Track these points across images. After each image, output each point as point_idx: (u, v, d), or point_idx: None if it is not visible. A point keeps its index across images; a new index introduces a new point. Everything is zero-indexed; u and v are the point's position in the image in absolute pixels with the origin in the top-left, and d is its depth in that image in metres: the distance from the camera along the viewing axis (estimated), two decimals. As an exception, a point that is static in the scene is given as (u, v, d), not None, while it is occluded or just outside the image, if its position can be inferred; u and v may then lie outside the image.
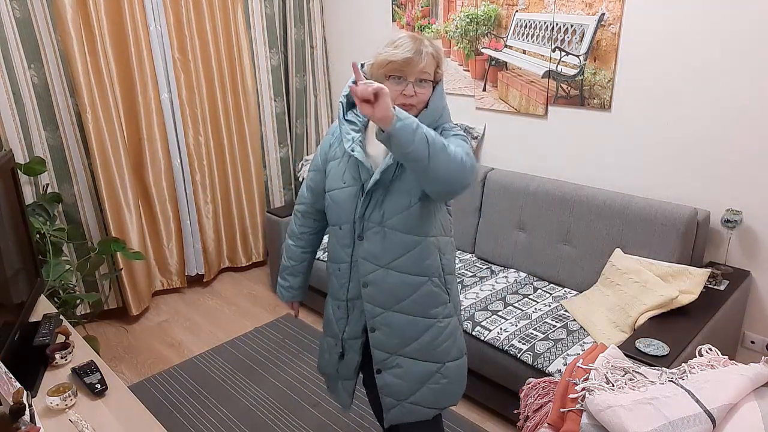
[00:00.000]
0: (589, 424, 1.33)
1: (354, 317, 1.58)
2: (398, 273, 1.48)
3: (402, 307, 1.51)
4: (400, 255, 1.47)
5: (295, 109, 3.79)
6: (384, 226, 1.45)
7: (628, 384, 1.40)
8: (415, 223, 1.45)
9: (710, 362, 1.43)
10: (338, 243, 1.54)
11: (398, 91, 1.37)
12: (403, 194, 1.43)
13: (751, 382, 1.31)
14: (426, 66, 1.37)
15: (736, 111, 2.19)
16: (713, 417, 1.23)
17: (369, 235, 1.47)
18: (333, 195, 1.51)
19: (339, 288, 1.59)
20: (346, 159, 1.49)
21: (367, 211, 1.46)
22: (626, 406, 1.29)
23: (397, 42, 1.38)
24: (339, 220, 1.51)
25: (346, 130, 1.48)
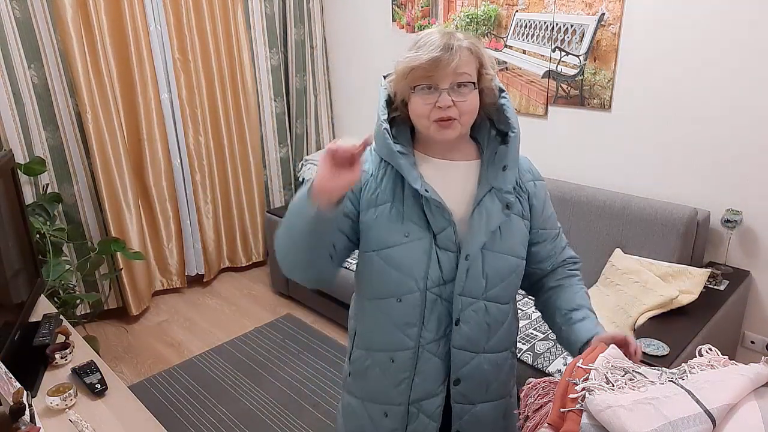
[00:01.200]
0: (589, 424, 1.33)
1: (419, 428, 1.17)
2: (491, 355, 1.17)
3: (489, 395, 1.21)
4: (496, 332, 1.16)
5: (295, 109, 3.79)
6: (486, 299, 1.13)
7: (628, 384, 1.40)
8: (513, 288, 1.18)
9: (710, 362, 1.43)
10: (394, 321, 1.13)
11: (430, 104, 1.05)
12: (507, 254, 1.13)
13: (751, 382, 1.31)
14: (461, 64, 1.03)
15: (736, 111, 2.19)
16: (713, 417, 1.23)
17: (468, 315, 1.12)
18: (391, 254, 1.10)
19: (391, 387, 1.16)
20: (400, 204, 1.10)
21: (468, 283, 1.10)
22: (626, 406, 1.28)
23: (419, 41, 1.06)
24: (399, 290, 1.11)
25: (408, 165, 1.09)
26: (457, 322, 1.11)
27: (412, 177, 1.08)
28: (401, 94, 1.11)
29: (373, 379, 1.19)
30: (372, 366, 1.18)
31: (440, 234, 1.09)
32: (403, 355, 1.14)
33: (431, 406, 1.15)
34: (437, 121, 1.05)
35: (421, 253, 1.08)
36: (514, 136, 1.12)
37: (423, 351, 1.13)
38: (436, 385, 1.15)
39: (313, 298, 3.16)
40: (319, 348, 2.85)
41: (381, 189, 1.12)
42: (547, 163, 2.85)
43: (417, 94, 1.06)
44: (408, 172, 1.08)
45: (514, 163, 1.12)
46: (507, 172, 1.11)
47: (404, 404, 1.16)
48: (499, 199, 1.11)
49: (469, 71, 1.06)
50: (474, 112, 1.08)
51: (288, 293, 3.37)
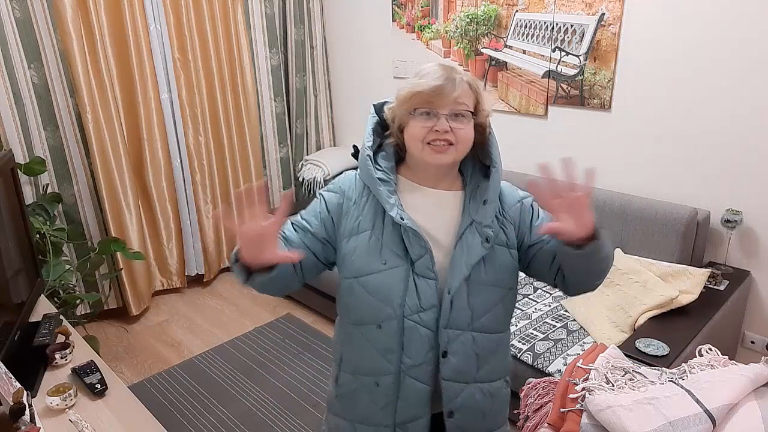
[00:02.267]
0: (589, 424, 1.33)
1: None
2: (482, 384, 1.18)
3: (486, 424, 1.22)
4: (486, 362, 1.17)
5: (295, 109, 3.79)
6: (473, 329, 1.13)
7: (628, 384, 1.40)
8: (503, 318, 1.18)
9: (710, 362, 1.43)
10: (376, 347, 1.15)
11: (427, 128, 1.08)
12: (493, 286, 1.15)
13: (751, 382, 1.31)
14: (461, 95, 1.08)
15: (736, 111, 2.19)
16: (713, 417, 1.23)
17: (455, 347, 1.12)
18: (368, 281, 1.13)
19: (377, 409, 1.18)
20: (380, 232, 1.13)
21: (453, 315, 1.11)
22: (626, 406, 1.28)
23: (422, 71, 1.12)
24: (378, 316, 1.13)
25: (386, 193, 1.12)
26: (444, 354, 1.12)
27: (389, 205, 1.11)
28: (399, 119, 1.14)
29: (361, 401, 1.20)
30: (359, 389, 1.20)
31: (418, 261, 1.10)
32: (386, 380, 1.15)
33: (416, 427, 1.17)
34: (432, 146, 1.08)
35: (398, 281, 1.10)
36: (495, 170, 1.15)
37: (405, 377, 1.14)
38: (420, 408, 1.16)
39: (313, 298, 3.16)
40: (319, 348, 2.85)
41: (362, 216, 1.15)
42: (547, 163, 2.85)
43: (416, 118, 1.09)
44: (385, 200, 1.11)
45: (494, 197, 1.14)
46: (487, 206, 1.13)
47: (390, 426, 1.18)
48: (479, 233, 1.12)
49: (468, 103, 1.10)
50: (469, 142, 1.12)
51: (288, 295, 3.36)
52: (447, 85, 1.07)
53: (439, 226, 1.14)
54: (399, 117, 1.14)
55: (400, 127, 1.14)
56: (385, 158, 1.17)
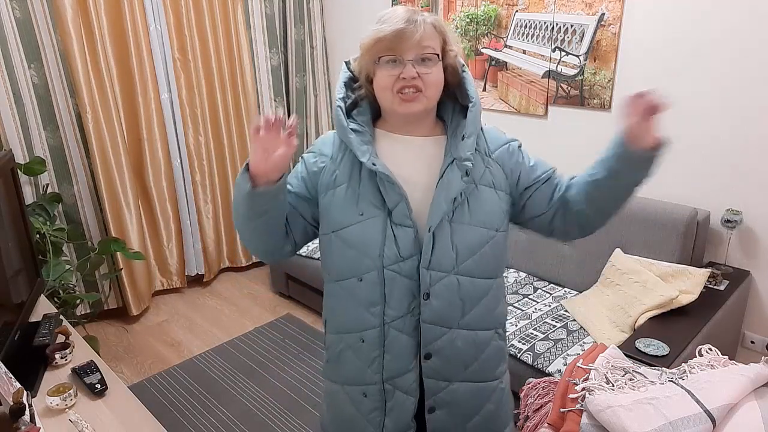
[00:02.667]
0: (589, 424, 1.33)
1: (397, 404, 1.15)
2: (467, 332, 1.14)
3: (468, 375, 1.17)
4: (471, 308, 1.13)
5: (295, 109, 3.79)
6: (458, 273, 1.10)
7: (628, 384, 1.40)
8: (491, 262, 1.14)
9: (710, 362, 1.43)
10: (357, 303, 1.13)
11: (394, 76, 1.05)
12: (478, 226, 1.11)
13: (751, 382, 1.31)
14: (425, 37, 1.04)
15: (736, 111, 2.19)
16: (713, 417, 1.23)
17: (438, 290, 1.09)
18: (346, 233, 1.11)
19: (365, 367, 1.15)
20: (356, 184, 1.11)
21: (434, 256, 1.08)
22: (626, 406, 1.28)
23: (384, 16, 1.07)
24: (359, 269, 1.11)
25: (358, 141, 1.10)
26: (426, 296, 1.09)
27: (360, 152, 1.08)
28: (366, 69, 1.11)
29: (347, 361, 1.18)
30: (345, 349, 1.18)
31: (395, 210, 1.08)
32: (371, 334, 1.13)
33: (406, 382, 1.14)
34: (401, 93, 1.06)
35: (376, 231, 1.09)
36: (472, 105, 1.12)
37: (389, 329, 1.11)
38: (407, 362, 1.13)
39: (313, 298, 3.16)
40: (319, 348, 2.85)
41: (339, 171, 1.13)
42: (547, 163, 2.85)
43: (381, 67, 1.07)
44: (357, 147, 1.09)
45: (472, 131, 1.11)
46: (465, 141, 1.10)
47: (379, 383, 1.15)
48: (459, 168, 1.09)
49: (434, 45, 1.06)
50: (439, 85, 1.09)
51: (288, 293, 3.36)
52: (408, 27, 1.03)
53: (420, 171, 1.13)
54: (365, 67, 1.11)
55: (368, 77, 1.12)
56: (360, 113, 1.15)
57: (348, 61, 1.19)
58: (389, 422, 1.16)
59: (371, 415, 1.17)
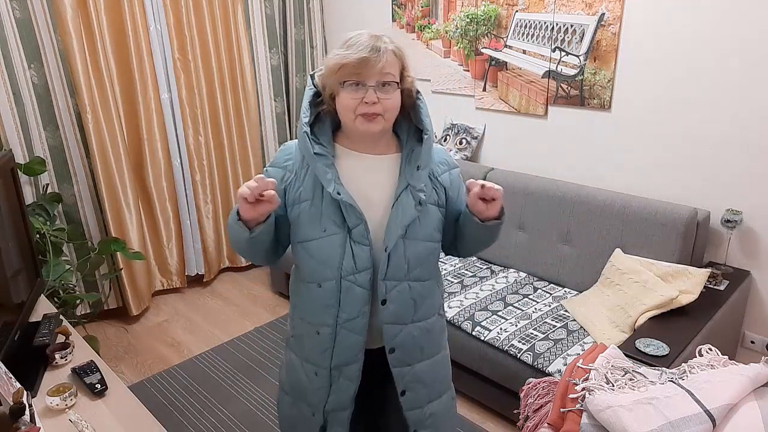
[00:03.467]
0: (589, 424, 1.33)
1: (341, 387, 1.33)
2: (420, 323, 1.33)
3: (425, 355, 1.36)
4: (421, 305, 1.32)
5: (295, 109, 3.79)
6: (409, 279, 1.27)
7: (628, 384, 1.40)
8: (433, 266, 1.34)
9: (710, 362, 1.44)
10: (316, 303, 1.29)
11: (357, 99, 1.16)
12: (426, 241, 1.28)
13: (751, 382, 1.31)
14: (387, 65, 1.15)
15: (736, 111, 2.19)
16: (713, 417, 1.23)
17: (393, 295, 1.26)
18: (310, 247, 1.25)
19: (319, 353, 1.33)
20: (320, 201, 1.23)
21: (390, 270, 1.24)
22: (626, 406, 1.29)
23: (349, 41, 1.17)
24: (319, 276, 1.26)
25: (323, 168, 1.21)
26: (384, 302, 1.26)
27: (326, 180, 1.20)
28: (330, 88, 1.21)
29: (307, 344, 1.35)
30: (305, 334, 1.35)
31: (354, 229, 1.22)
32: (325, 330, 1.29)
33: (350, 371, 1.32)
34: (363, 115, 1.17)
35: (336, 247, 1.22)
36: (427, 137, 1.25)
37: (341, 329, 1.28)
38: (353, 354, 1.30)
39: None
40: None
41: (303, 187, 1.25)
42: (547, 163, 2.85)
43: (345, 90, 1.17)
44: (323, 175, 1.21)
45: (426, 162, 1.25)
46: (420, 172, 1.24)
47: (327, 368, 1.32)
48: (413, 196, 1.23)
49: (394, 72, 1.18)
50: (396, 109, 1.21)
51: (288, 293, 3.36)
52: (372, 56, 1.13)
53: (376, 189, 1.26)
54: (329, 86, 1.21)
55: (332, 95, 1.22)
56: (322, 131, 1.26)
57: (313, 74, 1.28)
58: (332, 399, 1.35)
59: (319, 390, 1.36)
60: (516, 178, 2.73)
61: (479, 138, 3.09)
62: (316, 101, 1.27)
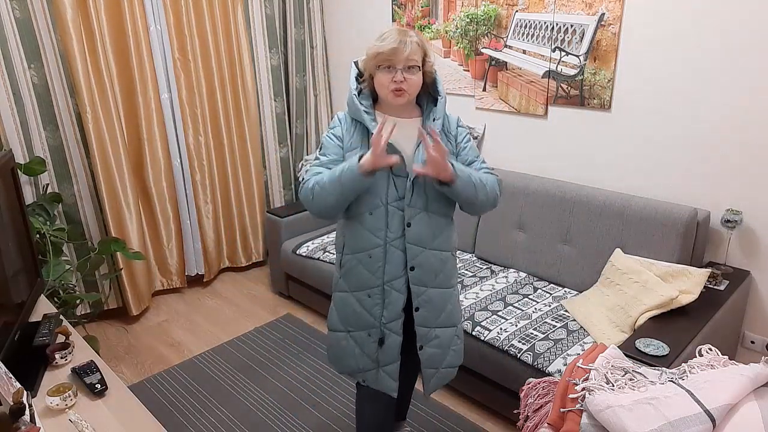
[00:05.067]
0: (589, 424, 1.33)
1: (393, 299, 1.64)
2: (438, 251, 1.65)
3: (438, 282, 1.68)
4: (439, 235, 1.65)
5: (295, 109, 3.79)
6: (428, 211, 1.61)
7: (628, 384, 1.40)
8: (448, 206, 1.66)
9: (710, 362, 1.44)
10: (367, 229, 1.61)
11: (389, 79, 1.54)
12: None
13: (751, 382, 1.31)
14: (411, 53, 1.52)
15: (736, 111, 2.19)
16: (713, 417, 1.23)
17: (416, 221, 1.60)
18: None
19: (371, 275, 1.64)
20: (366, 146, 1.58)
21: (413, 198, 1.59)
22: (626, 406, 1.29)
23: (384, 35, 1.56)
24: (370, 206, 1.60)
25: (369, 118, 1.61)
26: (409, 224, 1.60)
27: (371, 126, 1.58)
28: (369, 70, 1.61)
29: (358, 272, 1.66)
30: (357, 264, 1.65)
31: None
32: (376, 251, 1.62)
33: (399, 284, 1.64)
34: (393, 91, 1.56)
35: (382, 180, 1.58)
36: (441, 99, 1.65)
37: (389, 246, 1.61)
38: (399, 269, 1.63)
39: (313, 298, 3.16)
40: (319, 348, 2.85)
41: (353, 139, 1.64)
42: (547, 163, 2.85)
43: (380, 72, 1.57)
44: (369, 123, 1.60)
45: (440, 114, 1.64)
46: (436, 121, 1.63)
47: (380, 285, 1.64)
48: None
49: (417, 59, 1.56)
50: (418, 86, 1.60)
51: (288, 293, 3.37)
52: (400, 47, 1.52)
53: (405, 140, 1.61)
54: (369, 69, 1.61)
55: (371, 75, 1.61)
56: (365, 98, 1.65)
57: (356, 61, 1.68)
58: (387, 313, 1.66)
59: (374, 309, 1.67)
60: (516, 178, 2.73)
61: (479, 138, 3.09)
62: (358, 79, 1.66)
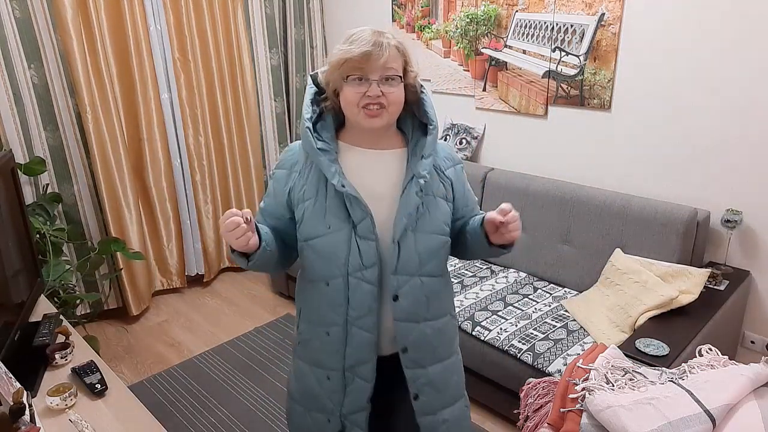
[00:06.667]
0: (589, 424, 1.33)
1: (356, 388, 1.29)
2: (433, 322, 1.29)
3: (439, 356, 1.32)
4: (435, 300, 1.29)
5: (295, 109, 3.79)
6: (421, 275, 1.24)
7: (628, 384, 1.40)
8: (444, 261, 1.31)
9: (710, 362, 1.44)
10: (325, 302, 1.26)
11: (360, 93, 1.15)
12: (435, 233, 1.25)
13: (751, 382, 1.31)
14: (389, 60, 1.15)
15: (736, 111, 2.19)
16: (713, 417, 1.23)
17: (405, 291, 1.23)
18: (315, 244, 1.23)
19: (329, 356, 1.29)
20: (323, 198, 1.21)
21: (400, 264, 1.21)
22: (626, 406, 1.29)
23: (352, 36, 1.17)
24: (325, 274, 1.24)
25: (326, 162, 1.20)
26: (395, 298, 1.23)
27: (330, 173, 1.19)
28: (333, 84, 1.21)
29: (315, 348, 1.32)
30: (313, 338, 1.32)
31: (359, 224, 1.19)
32: (335, 330, 1.27)
33: (364, 370, 1.28)
34: (366, 109, 1.16)
35: (342, 243, 1.20)
36: (432, 128, 1.25)
37: (351, 326, 1.25)
38: (366, 353, 1.27)
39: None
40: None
41: (307, 185, 1.24)
42: (547, 163, 2.85)
43: (349, 84, 1.16)
44: (326, 169, 1.19)
45: (431, 152, 1.24)
46: (424, 161, 1.23)
47: (341, 370, 1.29)
48: (416, 184, 1.21)
49: (396, 67, 1.17)
50: (400, 103, 1.20)
51: (288, 293, 3.36)
52: (375, 51, 1.13)
53: (381, 183, 1.24)
54: (333, 82, 1.21)
55: (335, 91, 1.22)
56: (324, 128, 1.25)
57: (314, 75, 1.28)
58: (347, 402, 1.31)
59: (333, 394, 1.32)
60: (516, 178, 2.73)
61: (479, 138, 3.09)
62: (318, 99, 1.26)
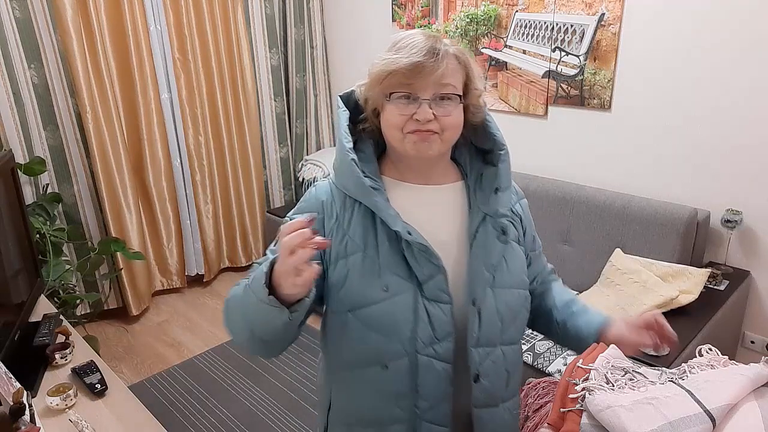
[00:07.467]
0: (589, 424, 1.33)
1: None
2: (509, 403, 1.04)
3: None
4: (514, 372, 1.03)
5: (295, 109, 3.79)
6: (502, 343, 0.97)
7: (628, 384, 1.40)
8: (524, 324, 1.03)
9: (710, 362, 1.43)
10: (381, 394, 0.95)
11: (407, 116, 0.88)
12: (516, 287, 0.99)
13: (751, 382, 1.31)
14: (446, 73, 0.88)
15: (736, 111, 2.19)
16: (713, 417, 1.23)
17: (487, 367, 0.95)
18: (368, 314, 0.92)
19: None
20: (374, 252, 0.91)
21: (482, 332, 0.93)
22: (626, 406, 1.28)
23: (400, 42, 0.89)
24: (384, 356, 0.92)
25: (384, 204, 0.91)
26: (476, 378, 0.94)
27: (391, 219, 0.90)
28: (374, 102, 0.95)
29: None
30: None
31: (427, 283, 0.90)
32: (395, 430, 0.95)
33: None
34: (414, 134, 0.89)
35: (406, 310, 0.90)
36: (504, 153, 0.99)
37: (420, 423, 0.94)
38: None
39: (313, 298, 3.16)
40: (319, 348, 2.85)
41: (350, 236, 0.93)
42: (547, 163, 2.85)
43: (393, 103, 0.90)
44: (384, 212, 0.90)
45: (506, 183, 0.99)
46: (500, 195, 0.97)
47: None
48: (493, 227, 0.96)
49: (455, 83, 0.91)
50: (458, 129, 0.94)
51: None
52: (428, 62, 0.86)
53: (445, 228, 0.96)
54: (373, 99, 0.94)
55: (375, 111, 0.95)
56: (364, 159, 0.95)
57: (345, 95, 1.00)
58: None
59: None
60: (516, 178, 2.71)
61: (479, 138, 3.08)
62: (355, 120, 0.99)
